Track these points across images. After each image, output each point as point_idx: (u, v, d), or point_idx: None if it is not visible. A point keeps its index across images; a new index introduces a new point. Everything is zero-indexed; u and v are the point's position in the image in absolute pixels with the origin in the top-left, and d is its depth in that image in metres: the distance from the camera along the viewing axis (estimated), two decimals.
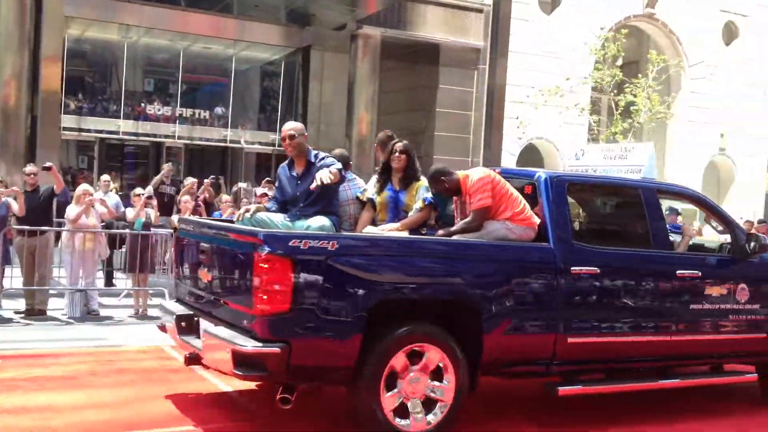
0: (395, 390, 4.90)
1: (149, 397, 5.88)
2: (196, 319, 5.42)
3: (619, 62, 23.80)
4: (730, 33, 24.33)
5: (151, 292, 9.93)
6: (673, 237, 6.77)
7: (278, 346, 4.59)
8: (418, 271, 5.06)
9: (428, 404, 4.99)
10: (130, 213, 10.05)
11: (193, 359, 5.28)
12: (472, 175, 5.64)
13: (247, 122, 19.68)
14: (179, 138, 18.31)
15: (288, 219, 5.71)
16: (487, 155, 19.69)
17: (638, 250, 6.06)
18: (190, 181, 11.51)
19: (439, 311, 5.16)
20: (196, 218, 7.52)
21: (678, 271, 5.98)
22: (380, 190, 5.87)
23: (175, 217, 10.28)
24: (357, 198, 6.02)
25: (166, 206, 11.63)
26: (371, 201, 5.91)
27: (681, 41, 23.02)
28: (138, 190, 10.40)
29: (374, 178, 6.02)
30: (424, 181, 5.84)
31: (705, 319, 6.11)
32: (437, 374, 5.01)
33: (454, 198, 5.85)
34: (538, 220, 5.59)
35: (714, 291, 6.16)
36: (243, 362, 4.65)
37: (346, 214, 5.97)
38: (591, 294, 5.59)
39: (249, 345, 4.64)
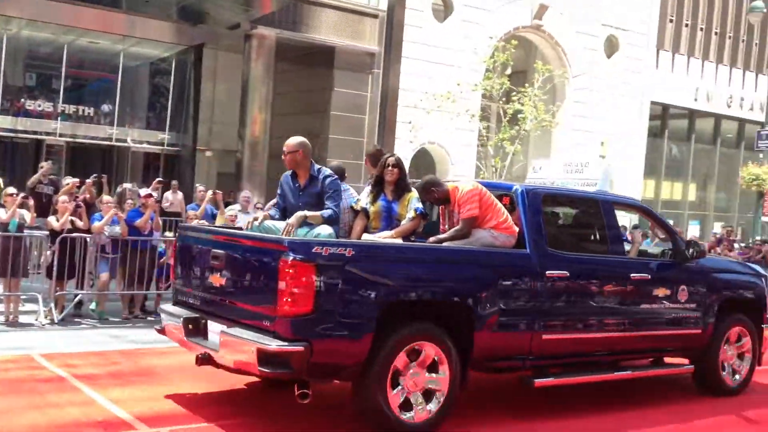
0: (399, 384, 5.39)
1: (15, 408, 5.65)
2: (203, 321, 5.76)
3: (508, 71, 24.62)
4: (611, 46, 25.54)
5: (23, 297, 9.51)
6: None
7: (302, 345, 4.99)
8: (422, 275, 5.63)
9: (427, 396, 5.51)
10: (2, 213, 9.58)
11: (205, 359, 5.62)
12: (461, 187, 6.27)
13: (135, 120, 19.11)
14: (61, 135, 17.55)
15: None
16: None
17: (600, 256, 6.90)
18: (70, 180, 11.07)
19: (437, 311, 5.65)
20: (210, 226, 7.87)
21: (632, 274, 6.82)
22: (374, 201, 6.36)
23: (52, 218, 9.89)
24: (351, 207, 6.42)
25: (44, 207, 11.15)
26: (365, 210, 6.40)
27: (566, 52, 23.99)
28: (10, 189, 9.92)
29: (367, 189, 6.49)
30: (415, 193, 6.38)
31: (653, 317, 6.99)
32: (434, 368, 5.54)
33: (441, 207, 6.48)
34: (517, 229, 6.22)
35: (660, 292, 7.02)
36: (268, 360, 5.02)
37: (341, 222, 6.28)
38: (562, 295, 6.32)
39: (273, 344, 5.01)
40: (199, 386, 6.37)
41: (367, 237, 6.18)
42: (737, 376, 7.69)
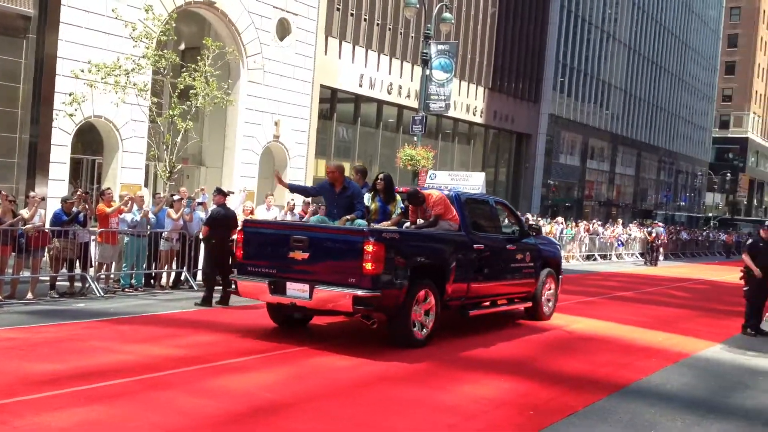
0: (413, 315, 8.87)
1: None
2: (283, 283, 8.74)
3: (182, 46, 24.02)
4: (283, 29, 26.25)
5: None
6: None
7: (378, 292, 8.28)
8: (427, 249, 9.32)
9: (424, 321, 9.08)
10: None
11: (293, 307, 8.97)
12: (433, 193, 9.89)
13: None
14: None
15: (330, 220, 9.45)
16: (35, 131, 18.21)
17: (494, 234, 10.99)
18: None
19: (430, 271, 9.17)
20: (295, 221, 12.85)
21: (507, 246, 11.04)
22: (372, 201, 9.86)
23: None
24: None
25: None
26: (367, 208, 9.70)
27: (239, 32, 24.14)
28: None
29: (368, 195, 9.91)
30: (399, 198, 9.94)
31: (517, 272, 11.20)
32: (428, 305, 9.10)
33: (412, 207, 9.89)
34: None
35: (518, 256, 11.26)
36: (358, 302, 8.24)
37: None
38: (481, 260, 10.14)
39: (362, 292, 8.24)
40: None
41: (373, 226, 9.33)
42: (550, 307, 12.21)
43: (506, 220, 13.66)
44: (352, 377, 7.38)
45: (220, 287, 11.95)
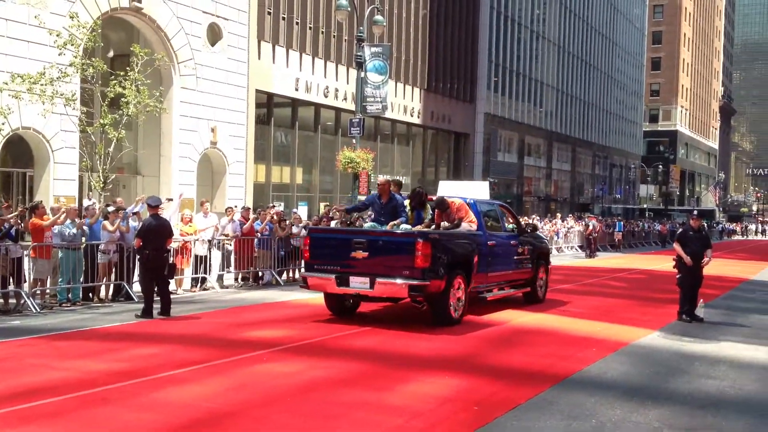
0: (451, 299, 10.82)
1: None
2: (347, 277, 10.73)
3: (111, 54, 23.48)
4: (214, 34, 25.92)
5: None
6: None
7: (427, 282, 10.34)
8: (459, 245, 11.34)
9: (457, 304, 11.01)
10: None
11: (357, 296, 11.29)
12: (455, 201, 11.87)
13: None
14: None
15: (379, 225, 11.56)
16: None
17: (501, 233, 13.17)
18: None
19: (460, 263, 11.16)
20: (353, 227, 14.32)
21: (511, 242, 13.27)
22: (411, 210, 11.94)
23: None
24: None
25: None
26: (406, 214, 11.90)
27: (169, 38, 23.72)
28: None
29: (405, 202, 11.98)
30: (428, 206, 11.91)
31: (518, 263, 13.36)
32: (461, 291, 11.04)
33: (437, 211, 11.75)
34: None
35: (519, 250, 13.42)
36: (413, 290, 10.40)
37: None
38: (494, 253, 12.37)
39: (416, 281, 10.31)
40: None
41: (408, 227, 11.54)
42: (542, 292, 14.33)
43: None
44: (295, 383, 7.32)
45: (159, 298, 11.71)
